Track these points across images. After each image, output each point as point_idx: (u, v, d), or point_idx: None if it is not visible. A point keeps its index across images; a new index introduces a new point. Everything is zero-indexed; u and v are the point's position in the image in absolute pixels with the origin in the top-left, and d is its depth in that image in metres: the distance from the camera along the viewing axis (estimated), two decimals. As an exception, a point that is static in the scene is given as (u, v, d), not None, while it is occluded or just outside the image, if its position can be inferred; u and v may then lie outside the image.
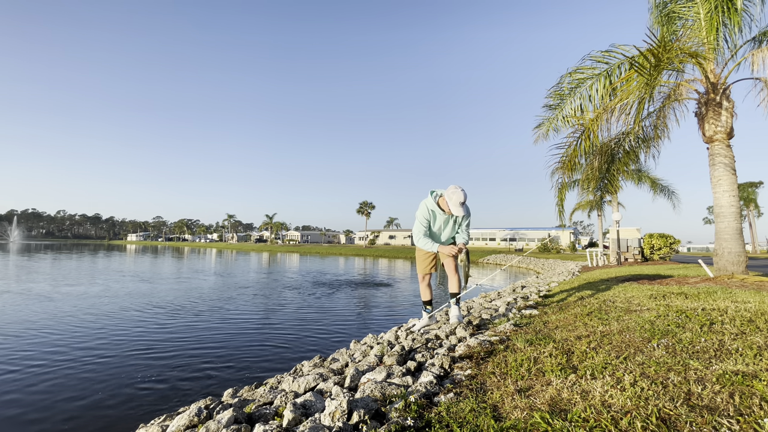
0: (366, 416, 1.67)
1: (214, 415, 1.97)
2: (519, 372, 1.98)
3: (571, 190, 17.97)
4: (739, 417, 1.28)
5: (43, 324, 5.96)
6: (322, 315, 7.19)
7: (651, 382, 1.63)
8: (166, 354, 4.55)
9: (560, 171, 7.31)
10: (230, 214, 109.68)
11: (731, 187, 6.04)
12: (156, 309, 7.42)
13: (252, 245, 70.70)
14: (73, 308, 7.31)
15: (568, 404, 1.54)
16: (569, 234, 51.55)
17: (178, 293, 9.73)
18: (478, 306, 5.10)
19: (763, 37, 6.37)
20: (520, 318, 3.63)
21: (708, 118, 6.22)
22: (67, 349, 4.68)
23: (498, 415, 1.54)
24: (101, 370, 3.95)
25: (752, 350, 1.92)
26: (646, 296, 4.09)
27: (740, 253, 5.99)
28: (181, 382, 3.67)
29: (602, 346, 2.27)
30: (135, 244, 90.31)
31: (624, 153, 8.11)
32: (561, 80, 6.48)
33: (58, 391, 3.41)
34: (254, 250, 54.95)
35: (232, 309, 7.62)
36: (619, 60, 5.75)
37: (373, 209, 63.77)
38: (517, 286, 8.12)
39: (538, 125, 7.34)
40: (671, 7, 6.70)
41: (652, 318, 2.90)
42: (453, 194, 3.15)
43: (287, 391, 2.22)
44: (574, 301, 4.42)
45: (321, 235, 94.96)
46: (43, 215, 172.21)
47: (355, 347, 3.63)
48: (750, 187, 39.89)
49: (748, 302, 3.27)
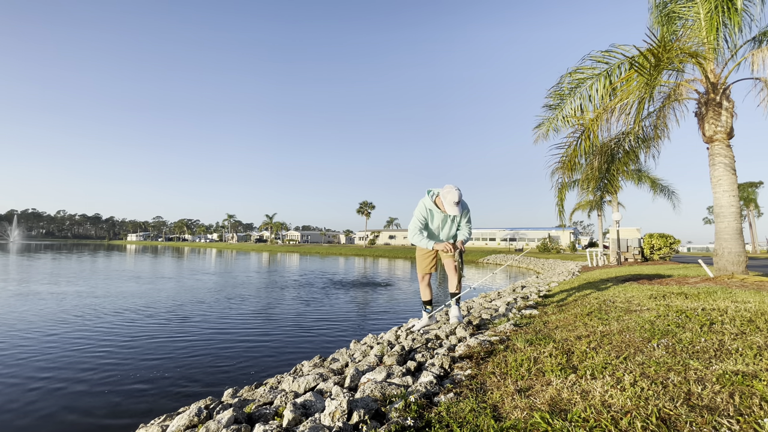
0: (366, 416, 1.67)
1: (214, 415, 1.97)
2: (519, 372, 1.98)
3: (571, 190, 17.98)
4: (739, 417, 1.28)
5: (43, 324, 5.96)
6: (322, 315, 7.19)
7: (651, 382, 1.63)
8: (166, 354, 4.55)
9: (560, 171, 7.32)
10: (230, 214, 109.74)
11: (731, 187, 6.04)
12: (156, 309, 7.42)
13: (252, 245, 70.69)
14: (73, 308, 7.31)
15: (568, 404, 1.54)
16: (569, 234, 51.55)
17: (177, 293, 9.73)
18: (478, 306, 5.10)
19: (763, 37, 6.37)
20: (520, 318, 3.63)
21: (708, 118, 6.22)
22: (67, 349, 4.68)
23: (498, 415, 1.54)
24: (101, 370, 3.95)
25: (752, 350, 1.92)
26: (646, 296, 4.09)
27: (740, 253, 5.99)
28: (181, 382, 3.67)
29: (602, 346, 2.27)
30: (135, 244, 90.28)
31: (624, 153, 8.11)
32: (561, 80, 6.49)
33: (58, 391, 3.41)
34: (254, 250, 54.95)
35: (232, 309, 7.62)
36: (619, 60, 5.75)
37: (373, 209, 63.79)
38: (517, 286, 8.12)
39: (538, 125, 7.34)
40: (671, 7, 6.70)
41: (652, 318, 2.90)
42: (448, 194, 3.17)
43: (287, 391, 2.22)
44: (574, 301, 4.42)
45: (321, 235, 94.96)
46: (43, 215, 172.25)
47: (355, 347, 3.63)
48: (750, 187, 39.87)
49: (748, 302, 3.27)
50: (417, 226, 3.39)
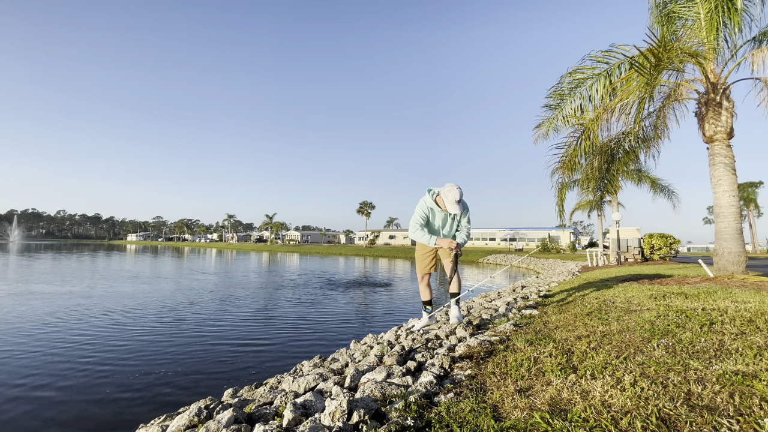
0: (366, 416, 1.67)
1: (214, 415, 1.97)
2: (519, 372, 1.98)
3: (571, 190, 17.99)
4: (739, 417, 1.28)
5: (43, 323, 5.96)
6: (322, 315, 7.19)
7: (651, 382, 1.63)
8: (166, 354, 4.55)
9: (560, 171, 7.32)
10: (230, 214, 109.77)
11: (731, 187, 6.04)
12: (155, 309, 7.42)
13: (252, 245, 70.69)
14: (73, 308, 7.31)
15: (568, 404, 1.54)
16: (569, 234, 51.56)
17: (177, 293, 9.73)
18: (478, 306, 5.10)
19: (763, 37, 6.37)
20: (520, 318, 3.63)
21: (708, 118, 6.22)
22: (67, 349, 4.68)
23: (498, 415, 1.54)
24: (101, 370, 3.95)
25: (752, 350, 1.92)
26: (646, 296, 4.09)
27: (740, 253, 5.99)
28: (181, 381, 3.67)
29: (602, 346, 2.27)
30: (135, 244, 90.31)
31: (624, 153, 8.11)
32: (561, 80, 6.49)
33: (58, 391, 3.41)
34: (254, 250, 54.95)
35: (232, 309, 7.62)
36: (619, 60, 5.75)
37: (373, 209, 63.78)
38: (517, 286, 8.12)
39: (538, 125, 7.34)
40: (671, 7, 6.70)
41: (652, 318, 2.90)
42: (449, 192, 3.19)
43: (287, 391, 2.22)
44: (574, 301, 4.42)
45: (321, 235, 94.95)
46: (43, 215, 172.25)
47: (355, 347, 3.63)
48: (750, 187, 39.87)
49: (748, 302, 3.27)
50: (418, 222, 3.40)
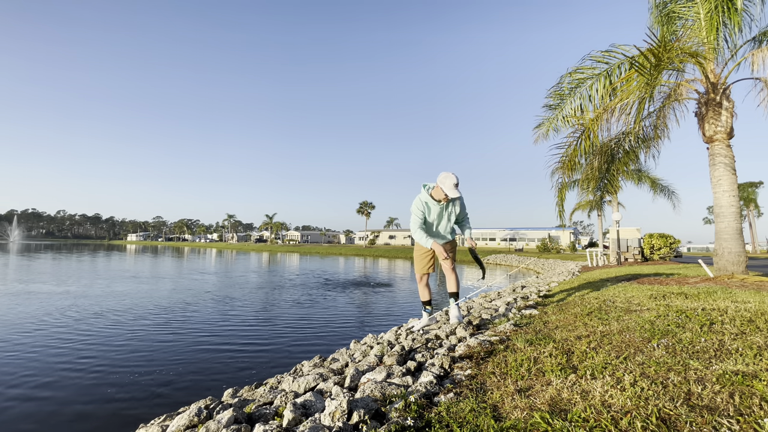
0: (366, 416, 1.66)
1: (214, 415, 1.97)
2: (519, 372, 1.98)
3: (571, 190, 17.99)
4: (739, 417, 1.28)
5: (43, 323, 5.96)
6: (322, 315, 7.19)
7: (651, 382, 1.63)
8: (166, 354, 4.55)
9: (560, 171, 7.31)
10: (230, 214, 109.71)
11: (731, 187, 6.04)
12: (155, 309, 7.42)
13: (252, 245, 70.68)
14: (73, 308, 7.31)
15: (568, 404, 1.54)
16: (569, 234, 51.55)
17: (177, 293, 9.73)
18: (478, 306, 5.10)
19: (763, 37, 6.36)
20: (520, 318, 3.63)
21: (708, 118, 6.22)
22: (67, 349, 4.68)
23: (498, 415, 1.54)
24: (101, 370, 3.95)
25: (752, 350, 1.92)
26: (646, 296, 4.09)
27: (740, 253, 5.99)
28: (181, 381, 3.67)
29: (602, 346, 2.27)
30: (135, 244, 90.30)
31: (624, 153, 8.11)
32: (561, 80, 6.48)
33: (58, 391, 3.41)
34: (254, 250, 54.94)
35: (231, 309, 7.62)
36: (619, 60, 5.75)
37: (373, 209, 63.78)
38: (517, 286, 8.12)
39: (538, 125, 7.34)
40: (671, 7, 6.70)
41: (652, 318, 2.90)
42: (446, 179, 3.23)
43: (287, 391, 2.22)
44: (574, 301, 4.42)
45: (321, 235, 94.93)
46: (43, 215, 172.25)
47: (355, 347, 3.63)
48: (750, 187, 39.86)
49: (748, 302, 3.27)
50: (417, 222, 3.44)
